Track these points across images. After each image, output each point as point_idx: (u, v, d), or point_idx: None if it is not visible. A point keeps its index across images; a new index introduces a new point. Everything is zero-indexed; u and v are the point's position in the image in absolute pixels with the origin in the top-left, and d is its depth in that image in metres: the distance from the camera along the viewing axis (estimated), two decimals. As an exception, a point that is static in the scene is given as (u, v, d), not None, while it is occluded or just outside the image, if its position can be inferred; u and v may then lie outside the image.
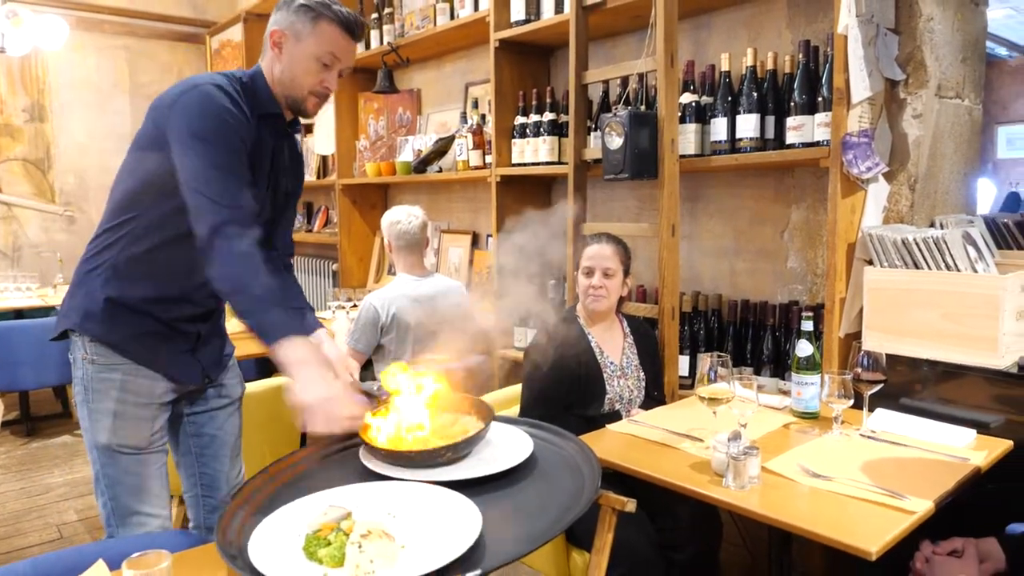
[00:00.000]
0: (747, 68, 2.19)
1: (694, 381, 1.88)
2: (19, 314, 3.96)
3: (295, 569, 0.90)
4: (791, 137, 2.08)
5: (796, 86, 2.08)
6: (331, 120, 3.89)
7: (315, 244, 4.56)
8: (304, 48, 1.46)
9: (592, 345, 2.05)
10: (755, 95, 2.15)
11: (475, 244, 3.41)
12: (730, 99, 2.22)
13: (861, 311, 1.96)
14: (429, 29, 3.15)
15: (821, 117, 2.02)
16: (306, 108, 1.53)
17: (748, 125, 2.16)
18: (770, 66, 2.17)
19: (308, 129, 4.33)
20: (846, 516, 1.30)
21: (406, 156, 3.50)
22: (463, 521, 0.99)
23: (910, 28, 2.04)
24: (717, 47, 2.44)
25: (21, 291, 4.24)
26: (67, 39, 4.22)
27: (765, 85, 2.17)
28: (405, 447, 1.25)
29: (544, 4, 2.66)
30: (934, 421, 1.72)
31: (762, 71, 2.19)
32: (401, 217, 2.60)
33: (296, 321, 1.38)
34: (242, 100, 1.46)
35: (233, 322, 3.14)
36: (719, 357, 1.59)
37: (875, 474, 1.45)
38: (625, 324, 2.16)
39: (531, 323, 2.76)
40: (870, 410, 1.75)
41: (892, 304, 1.88)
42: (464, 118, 3.20)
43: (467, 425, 1.35)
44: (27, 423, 4.06)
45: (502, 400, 2.21)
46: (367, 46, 3.59)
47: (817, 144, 2.02)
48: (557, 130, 2.71)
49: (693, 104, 2.29)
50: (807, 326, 1.85)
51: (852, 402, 1.67)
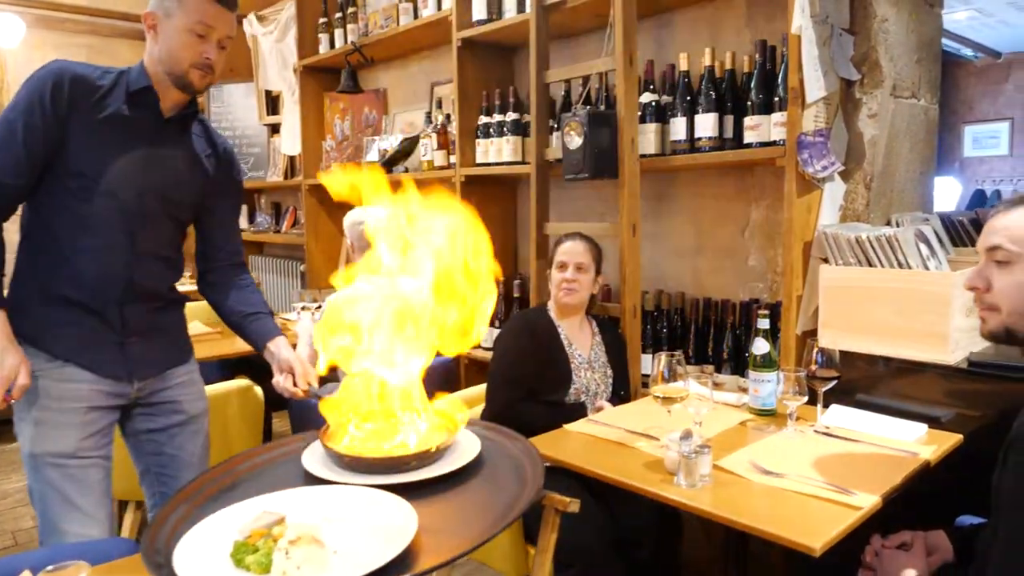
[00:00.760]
0: (705, 68, 2.19)
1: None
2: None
3: (222, 577, 0.88)
4: (748, 136, 2.09)
5: (753, 86, 2.09)
6: (296, 120, 3.84)
7: (283, 245, 4.51)
8: (175, 23, 1.48)
9: (561, 335, 2.08)
10: (713, 95, 2.16)
11: (442, 245, 3.39)
12: (689, 99, 2.22)
13: (817, 309, 1.98)
14: (393, 28, 3.13)
15: (777, 117, 2.03)
16: (191, 81, 1.51)
17: (707, 125, 2.16)
18: (728, 65, 2.18)
19: (275, 129, 4.28)
20: (794, 513, 1.30)
21: (372, 156, 3.48)
22: (400, 524, 0.97)
23: (865, 29, 2.06)
24: (678, 46, 2.44)
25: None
26: (26, 37, 4.12)
27: (723, 85, 2.18)
28: (366, 453, 1.22)
29: (506, 3, 2.65)
30: (887, 416, 1.73)
31: (720, 71, 2.20)
32: (363, 217, 2.56)
33: None
34: (102, 87, 1.48)
35: (196, 323, 3.08)
36: (673, 356, 1.59)
37: (826, 470, 1.46)
38: (595, 324, 2.20)
39: (497, 324, 2.75)
40: (825, 406, 1.76)
41: (847, 301, 1.90)
42: (429, 118, 3.18)
43: (430, 430, 1.31)
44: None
45: (465, 400, 2.19)
46: (331, 45, 3.56)
47: (774, 144, 2.04)
48: (521, 130, 2.70)
49: (653, 104, 2.30)
50: (763, 324, 1.86)
51: (807, 399, 1.68)
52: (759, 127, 2.07)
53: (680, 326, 2.44)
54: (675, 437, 1.46)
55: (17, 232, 1.52)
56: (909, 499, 1.44)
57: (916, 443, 1.60)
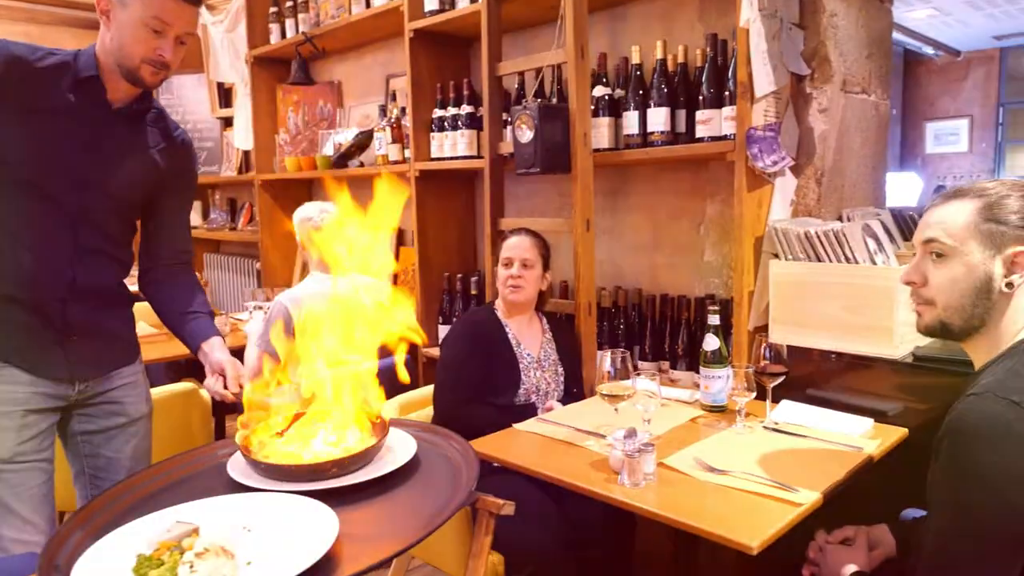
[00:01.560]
0: (658, 61, 2.17)
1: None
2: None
3: (124, 594, 0.82)
4: (700, 131, 2.08)
5: (704, 80, 2.08)
6: (249, 113, 3.74)
7: (239, 243, 4.40)
8: (131, 14, 1.38)
9: (509, 335, 2.04)
10: (665, 89, 2.14)
11: (400, 241, 3.33)
12: (641, 92, 2.20)
13: (769, 304, 1.97)
14: (344, 18, 3.05)
15: (728, 111, 2.02)
16: (141, 77, 1.42)
17: (659, 119, 2.14)
18: (681, 59, 2.17)
19: (228, 123, 4.17)
20: (735, 510, 1.29)
21: (327, 150, 3.40)
22: (320, 533, 0.93)
23: (814, 23, 2.06)
24: (632, 39, 2.42)
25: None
26: (-39, 25, 3.96)
27: (676, 79, 2.17)
28: (287, 460, 1.17)
29: (459, -7, 2.60)
30: (835, 411, 1.73)
31: (673, 64, 2.18)
32: (313, 213, 2.50)
33: None
34: (42, 70, 1.38)
35: (142, 324, 2.99)
36: (619, 353, 1.57)
37: (770, 467, 1.45)
38: (544, 321, 2.17)
39: (453, 321, 2.70)
40: (776, 402, 1.76)
41: (796, 296, 1.89)
42: (383, 111, 3.12)
43: (360, 434, 1.27)
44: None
45: (417, 400, 2.15)
46: (283, 35, 3.46)
47: (724, 138, 2.02)
48: (476, 123, 2.66)
49: (606, 97, 2.27)
50: (714, 320, 1.85)
51: (755, 395, 1.67)
52: (710, 121, 2.05)
53: (637, 323, 2.43)
54: (619, 436, 1.44)
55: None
56: (856, 493, 1.44)
57: (861, 438, 1.61)
